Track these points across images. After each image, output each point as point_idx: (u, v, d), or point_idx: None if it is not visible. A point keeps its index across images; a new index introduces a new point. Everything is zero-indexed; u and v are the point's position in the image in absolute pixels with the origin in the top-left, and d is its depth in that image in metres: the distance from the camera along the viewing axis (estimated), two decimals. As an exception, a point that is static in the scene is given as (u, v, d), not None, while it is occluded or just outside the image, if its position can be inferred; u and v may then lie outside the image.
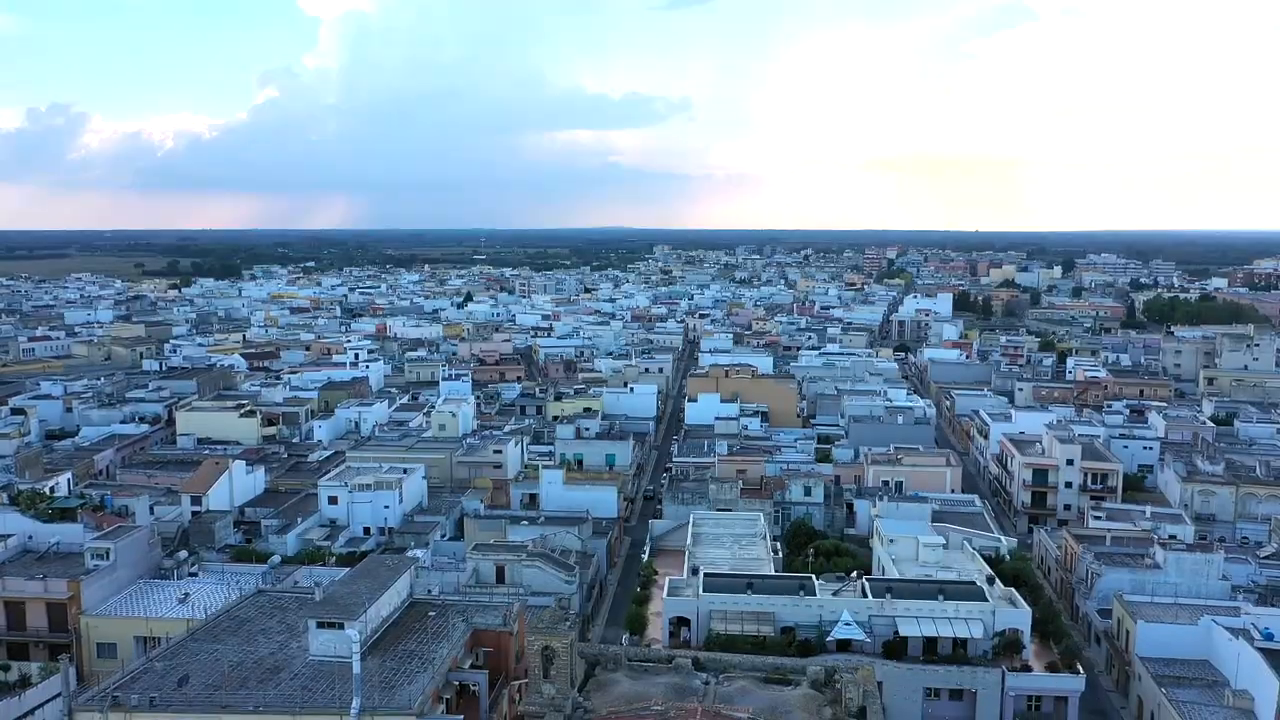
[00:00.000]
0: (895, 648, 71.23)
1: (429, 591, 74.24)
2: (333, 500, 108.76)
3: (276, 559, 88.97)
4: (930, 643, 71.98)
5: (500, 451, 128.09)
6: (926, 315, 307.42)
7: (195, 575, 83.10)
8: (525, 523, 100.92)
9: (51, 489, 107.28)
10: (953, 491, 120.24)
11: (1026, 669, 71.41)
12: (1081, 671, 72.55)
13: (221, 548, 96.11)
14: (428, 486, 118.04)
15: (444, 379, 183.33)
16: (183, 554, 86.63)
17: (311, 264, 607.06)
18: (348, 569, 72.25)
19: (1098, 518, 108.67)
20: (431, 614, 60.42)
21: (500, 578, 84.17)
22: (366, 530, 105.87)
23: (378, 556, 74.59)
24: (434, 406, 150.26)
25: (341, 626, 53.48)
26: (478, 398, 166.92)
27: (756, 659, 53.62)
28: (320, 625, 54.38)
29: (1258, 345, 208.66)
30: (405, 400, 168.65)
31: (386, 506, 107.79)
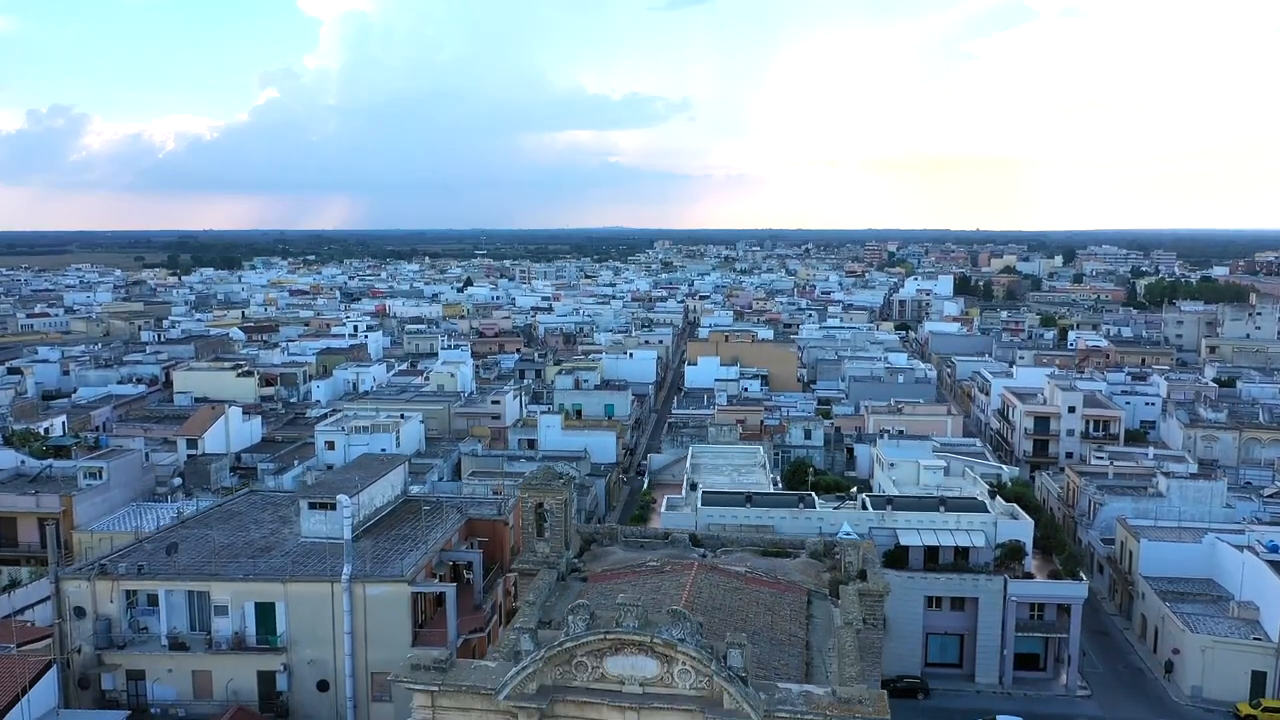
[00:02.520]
0: (897, 557, 70.37)
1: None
2: (330, 445, 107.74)
3: (272, 485, 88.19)
4: (932, 554, 71.16)
5: (499, 403, 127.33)
6: (927, 295, 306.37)
7: (190, 499, 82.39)
8: (523, 460, 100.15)
9: (46, 430, 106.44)
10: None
11: (1029, 578, 70.49)
12: (1084, 579, 71.62)
13: (218, 489, 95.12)
14: (426, 437, 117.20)
15: (443, 349, 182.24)
16: (177, 480, 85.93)
17: (312, 257, 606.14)
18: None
19: (1100, 459, 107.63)
20: (426, 507, 59.79)
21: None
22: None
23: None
24: (433, 370, 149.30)
25: (333, 508, 52.82)
26: (477, 366, 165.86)
27: (755, 537, 52.82)
28: (312, 506, 53.71)
29: (1259, 314, 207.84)
30: (404, 368, 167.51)
31: (384, 450, 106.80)
